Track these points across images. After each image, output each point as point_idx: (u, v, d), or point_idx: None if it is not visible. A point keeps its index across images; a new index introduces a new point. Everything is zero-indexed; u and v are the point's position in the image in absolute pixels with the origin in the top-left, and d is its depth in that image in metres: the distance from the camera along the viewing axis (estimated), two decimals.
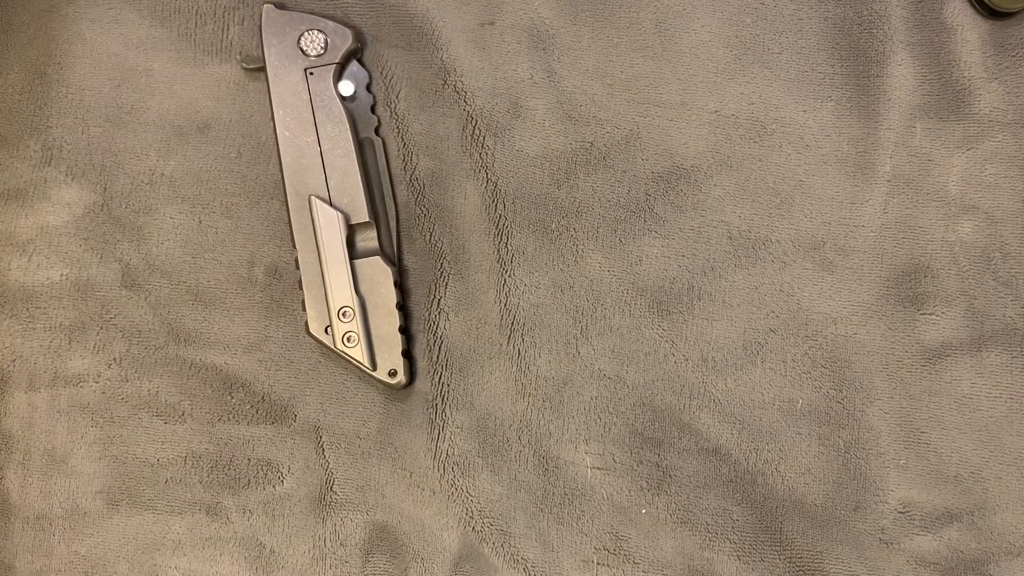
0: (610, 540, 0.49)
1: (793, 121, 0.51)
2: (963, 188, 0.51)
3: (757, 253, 0.51)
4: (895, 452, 0.50)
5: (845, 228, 0.51)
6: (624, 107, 0.51)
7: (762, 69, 0.52)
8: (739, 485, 0.50)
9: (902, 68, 0.51)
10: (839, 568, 0.49)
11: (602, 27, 0.52)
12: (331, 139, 0.49)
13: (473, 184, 0.51)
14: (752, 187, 0.51)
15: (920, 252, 0.51)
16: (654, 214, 0.51)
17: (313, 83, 0.49)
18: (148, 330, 0.51)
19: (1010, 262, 0.51)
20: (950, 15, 0.52)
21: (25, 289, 0.51)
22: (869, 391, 0.50)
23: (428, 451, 0.50)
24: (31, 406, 0.51)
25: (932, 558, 0.49)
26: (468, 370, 0.51)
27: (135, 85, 0.52)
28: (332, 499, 0.51)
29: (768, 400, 0.50)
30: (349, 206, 0.49)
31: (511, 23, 0.52)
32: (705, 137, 0.51)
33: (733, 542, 0.49)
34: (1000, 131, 0.51)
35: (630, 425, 0.50)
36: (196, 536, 0.51)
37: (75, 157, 0.52)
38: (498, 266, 0.51)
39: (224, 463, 0.51)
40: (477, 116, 0.52)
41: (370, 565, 0.50)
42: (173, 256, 0.51)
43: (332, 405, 0.51)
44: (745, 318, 0.51)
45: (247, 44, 0.52)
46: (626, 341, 0.50)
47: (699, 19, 0.52)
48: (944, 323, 0.50)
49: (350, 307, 0.48)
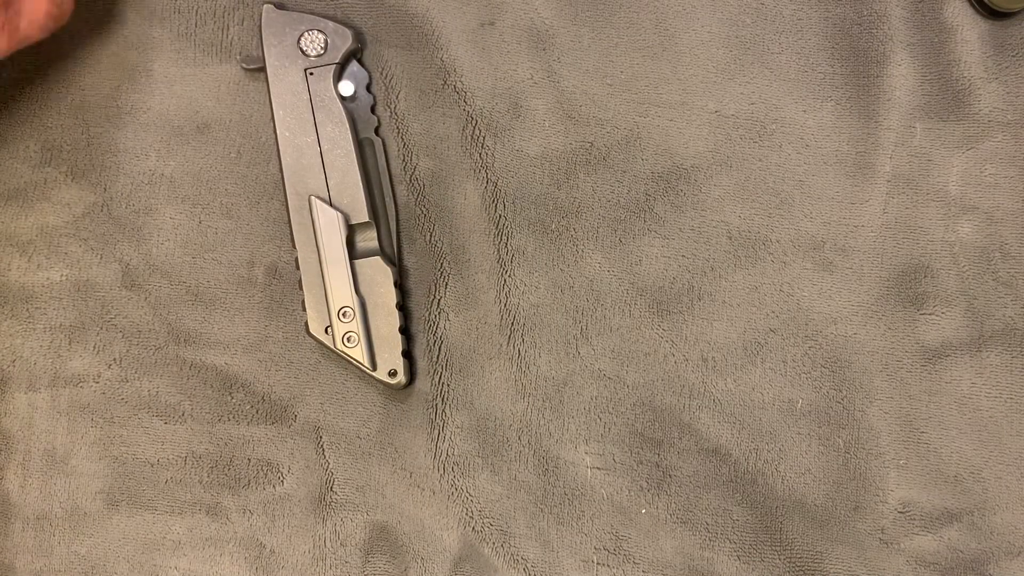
0: (610, 540, 0.49)
1: (793, 121, 0.51)
2: (963, 188, 0.51)
3: (757, 253, 0.51)
4: (895, 452, 0.50)
5: (845, 228, 0.51)
6: (624, 107, 0.52)
7: (762, 69, 0.52)
8: (739, 485, 0.50)
9: (902, 68, 0.51)
10: (839, 568, 0.49)
11: (602, 27, 0.52)
12: (331, 139, 0.49)
13: (473, 184, 0.51)
14: (752, 187, 0.51)
15: (920, 252, 0.51)
16: (654, 214, 0.51)
17: (313, 83, 0.49)
18: (148, 330, 0.51)
19: (1010, 262, 0.51)
20: (950, 15, 0.52)
21: (25, 289, 0.51)
22: (869, 391, 0.50)
23: (428, 451, 0.51)
24: (31, 406, 0.51)
25: (932, 558, 0.49)
26: (468, 370, 0.51)
27: (135, 85, 0.52)
28: (332, 499, 0.51)
29: (768, 400, 0.50)
30: (349, 206, 0.49)
31: (511, 23, 0.52)
32: (705, 137, 0.51)
33: (733, 542, 0.49)
34: (1000, 131, 0.51)
35: (630, 425, 0.50)
36: (196, 536, 0.51)
37: (75, 157, 0.52)
38: (498, 266, 0.51)
39: (224, 463, 0.51)
40: (477, 116, 0.52)
41: (370, 565, 0.50)
42: (173, 256, 0.51)
43: (332, 405, 0.51)
44: (745, 318, 0.51)
45: (247, 44, 0.52)
46: (626, 341, 0.50)
47: (699, 19, 0.52)
48: (944, 323, 0.51)
49: (350, 307, 0.48)
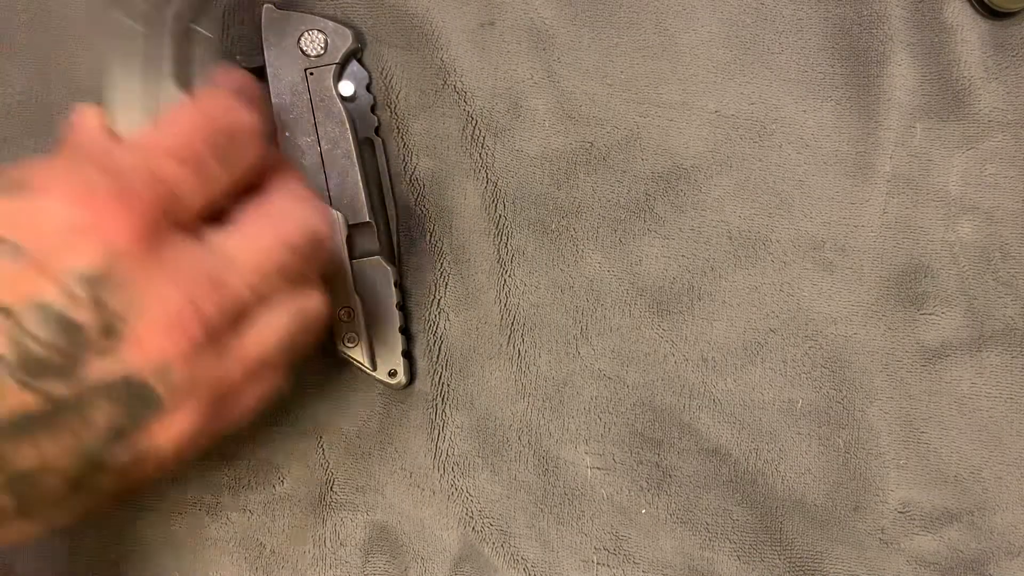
0: (610, 540, 0.49)
1: (793, 121, 0.51)
2: (963, 188, 0.51)
3: (757, 253, 0.51)
4: (895, 452, 0.50)
5: (845, 228, 0.51)
6: (624, 107, 0.52)
7: (762, 69, 0.52)
8: (739, 485, 0.50)
9: (902, 68, 0.51)
10: (839, 568, 0.49)
11: (602, 27, 0.52)
12: (331, 139, 0.49)
13: (473, 184, 0.51)
14: (752, 187, 0.51)
15: (920, 252, 0.51)
16: (654, 214, 0.51)
17: (313, 83, 0.49)
18: None
19: (1010, 262, 0.51)
20: (950, 15, 0.52)
21: None
22: (869, 391, 0.50)
23: (428, 451, 0.50)
24: None
25: (932, 558, 0.49)
26: (468, 370, 0.51)
27: None
28: (332, 499, 0.51)
29: (768, 400, 0.50)
30: (349, 206, 0.49)
31: (511, 23, 0.52)
32: (705, 137, 0.51)
33: (733, 542, 0.49)
34: (1000, 131, 0.51)
35: (630, 425, 0.50)
36: (196, 536, 0.51)
37: None
38: (498, 266, 0.51)
39: (224, 463, 0.51)
40: (477, 116, 0.52)
41: (370, 565, 0.50)
42: None
43: (332, 405, 0.51)
44: (745, 318, 0.51)
45: (247, 44, 0.52)
46: (626, 341, 0.50)
47: (699, 19, 0.52)
48: (944, 323, 0.50)
49: (350, 307, 0.48)
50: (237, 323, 0.34)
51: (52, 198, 0.30)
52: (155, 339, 0.31)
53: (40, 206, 0.30)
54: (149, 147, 0.33)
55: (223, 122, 0.35)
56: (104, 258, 0.30)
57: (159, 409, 0.32)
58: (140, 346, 0.31)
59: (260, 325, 0.35)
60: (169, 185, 0.33)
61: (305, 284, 0.37)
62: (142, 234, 0.31)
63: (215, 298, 0.33)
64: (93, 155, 0.33)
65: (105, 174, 0.31)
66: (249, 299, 0.34)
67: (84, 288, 0.30)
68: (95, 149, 0.34)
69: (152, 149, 0.33)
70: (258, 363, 0.36)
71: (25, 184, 0.31)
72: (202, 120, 0.34)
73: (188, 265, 0.32)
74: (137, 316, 0.31)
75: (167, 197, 0.32)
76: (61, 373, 0.30)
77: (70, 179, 0.31)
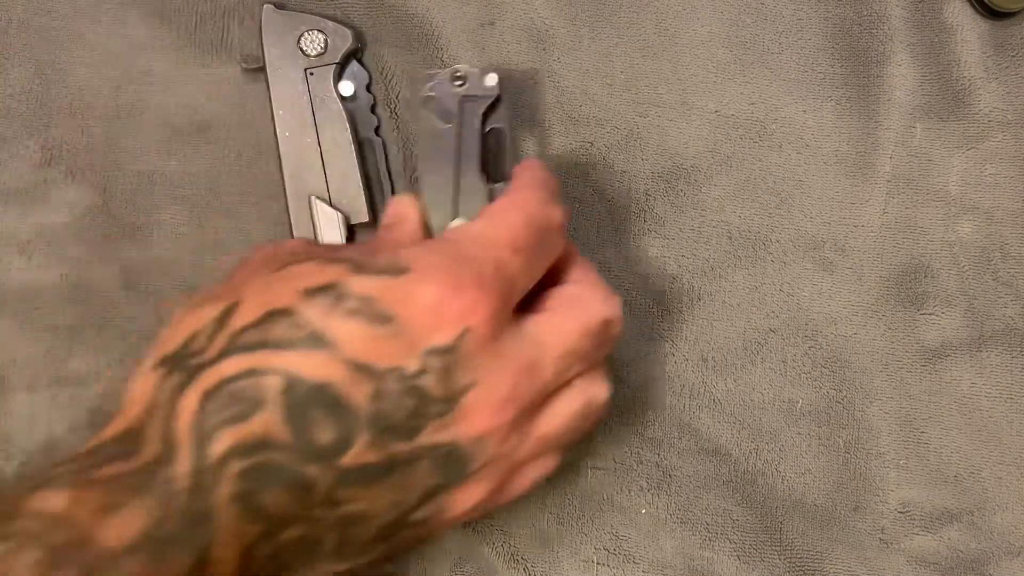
0: (610, 540, 0.49)
1: (793, 121, 0.51)
2: (963, 188, 0.51)
3: (757, 253, 0.51)
4: (895, 452, 0.50)
5: (845, 228, 0.51)
6: (624, 107, 0.52)
7: (762, 69, 0.52)
8: (739, 485, 0.50)
9: (902, 68, 0.51)
10: (839, 568, 0.49)
11: (602, 27, 0.52)
12: (331, 139, 0.49)
13: None
14: (752, 187, 0.51)
15: (920, 252, 0.51)
16: (654, 214, 0.51)
17: (313, 83, 0.49)
18: (148, 330, 0.51)
19: (1010, 262, 0.51)
20: (950, 15, 0.52)
21: (25, 289, 0.51)
22: (869, 391, 0.50)
23: None
24: (31, 406, 0.51)
25: (932, 558, 0.49)
26: None
27: (135, 85, 0.52)
28: None
29: (768, 400, 0.50)
30: (349, 206, 0.49)
31: (511, 23, 0.52)
32: (705, 137, 0.51)
33: (733, 542, 0.49)
34: (1000, 131, 0.51)
35: (630, 425, 0.50)
36: None
37: (75, 157, 0.52)
38: None
39: None
40: None
41: None
42: (173, 256, 0.51)
43: None
44: (745, 318, 0.51)
45: (247, 44, 0.52)
46: (626, 341, 0.50)
47: (699, 19, 0.52)
48: (944, 323, 0.51)
49: None
50: (539, 405, 0.37)
51: (427, 282, 0.34)
52: (483, 414, 0.34)
53: (417, 288, 0.34)
54: (492, 239, 0.37)
55: (541, 216, 0.38)
56: (459, 338, 0.34)
57: (467, 478, 0.35)
58: (469, 419, 0.34)
59: (555, 408, 0.38)
60: (509, 275, 0.36)
61: (596, 369, 0.40)
62: (491, 318, 0.34)
63: (531, 382, 0.36)
64: (458, 246, 0.36)
65: (468, 264, 0.35)
66: (553, 383, 0.37)
67: (439, 361, 0.33)
68: (455, 240, 0.37)
69: (495, 241, 0.36)
70: (545, 444, 0.38)
71: (405, 268, 0.34)
72: (526, 215, 0.38)
73: (516, 349, 0.35)
74: (474, 392, 0.34)
75: (508, 286, 0.36)
76: (404, 434, 0.33)
77: (441, 267, 0.34)
